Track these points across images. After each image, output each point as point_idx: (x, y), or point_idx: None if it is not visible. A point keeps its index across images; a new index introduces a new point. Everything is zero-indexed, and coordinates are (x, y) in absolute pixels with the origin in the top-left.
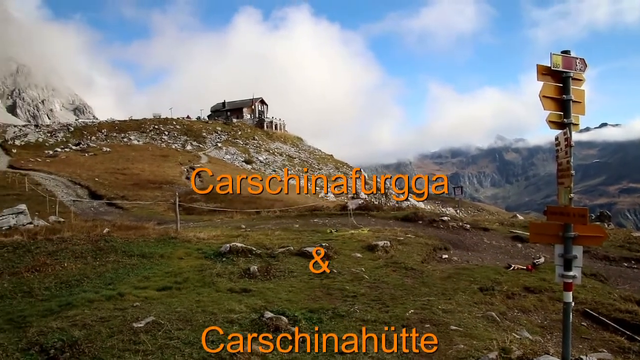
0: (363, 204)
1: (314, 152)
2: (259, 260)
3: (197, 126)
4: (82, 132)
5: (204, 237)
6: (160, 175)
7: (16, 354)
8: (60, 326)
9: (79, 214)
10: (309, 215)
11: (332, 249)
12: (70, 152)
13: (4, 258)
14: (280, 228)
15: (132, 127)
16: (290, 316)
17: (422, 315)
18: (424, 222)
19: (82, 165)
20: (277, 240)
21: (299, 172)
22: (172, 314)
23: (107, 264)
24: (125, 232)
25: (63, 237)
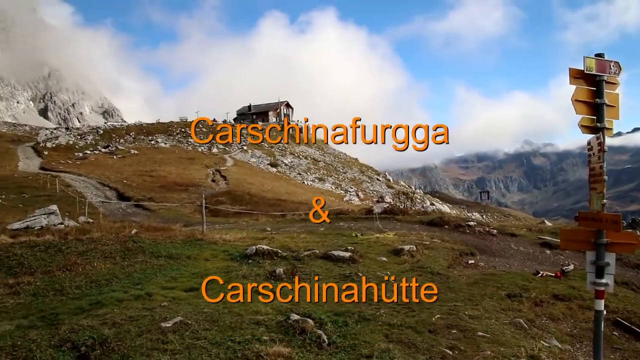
0: (388, 208)
1: (338, 155)
2: (285, 263)
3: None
4: (111, 135)
5: (230, 239)
6: (187, 177)
7: (49, 350)
8: (91, 324)
9: (107, 215)
10: (334, 218)
11: (358, 252)
12: (99, 155)
13: (37, 257)
14: (305, 231)
15: (160, 130)
16: (316, 319)
17: (448, 321)
18: (449, 227)
19: (110, 168)
20: (302, 243)
21: (324, 175)
22: (199, 314)
23: (135, 264)
24: (152, 233)
25: (93, 238)
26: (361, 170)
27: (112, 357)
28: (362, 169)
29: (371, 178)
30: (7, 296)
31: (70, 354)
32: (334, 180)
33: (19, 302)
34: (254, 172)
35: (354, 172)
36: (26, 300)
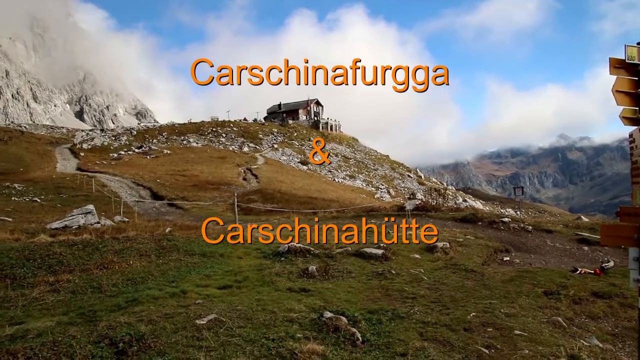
0: (420, 205)
1: (369, 152)
2: (317, 261)
3: (254, 128)
4: (144, 136)
5: None
6: (219, 176)
7: (88, 346)
8: (128, 321)
9: (142, 214)
10: (366, 215)
11: (390, 250)
12: (133, 155)
13: (75, 255)
14: None
15: (191, 130)
16: (350, 317)
17: (484, 319)
18: (483, 224)
19: (144, 167)
20: (333, 241)
21: (355, 173)
22: (233, 311)
23: (169, 262)
24: (186, 232)
25: (128, 236)
26: (392, 167)
27: (148, 353)
28: (393, 165)
29: (402, 175)
30: (47, 293)
31: (108, 350)
32: (365, 177)
33: (59, 299)
34: (285, 170)
35: (384, 169)
36: (66, 297)
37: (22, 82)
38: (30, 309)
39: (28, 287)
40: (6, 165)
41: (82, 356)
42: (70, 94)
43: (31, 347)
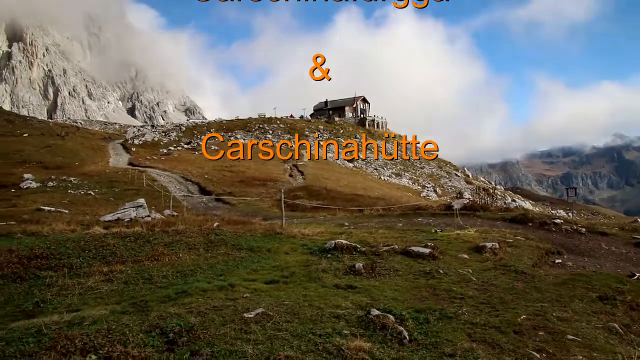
0: (468, 204)
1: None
2: (364, 258)
3: (300, 125)
4: (193, 132)
5: (308, 234)
6: (265, 172)
7: (140, 335)
8: (178, 312)
9: (190, 208)
10: (412, 214)
11: (438, 249)
12: (182, 151)
13: (127, 247)
14: (383, 226)
15: (239, 127)
16: (397, 315)
17: (535, 322)
18: (534, 225)
19: (192, 163)
20: (381, 239)
21: (401, 171)
22: (280, 306)
23: (217, 256)
24: (233, 227)
25: (177, 230)
26: (439, 166)
27: (198, 344)
28: (439, 164)
29: (449, 174)
30: (101, 283)
31: (159, 339)
32: (411, 175)
33: (112, 288)
34: (331, 167)
35: (431, 167)
36: (119, 287)
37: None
38: (86, 297)
39: (84, 277)
40: (63, 160)
41: (134, 344)
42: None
43: (87, 334)
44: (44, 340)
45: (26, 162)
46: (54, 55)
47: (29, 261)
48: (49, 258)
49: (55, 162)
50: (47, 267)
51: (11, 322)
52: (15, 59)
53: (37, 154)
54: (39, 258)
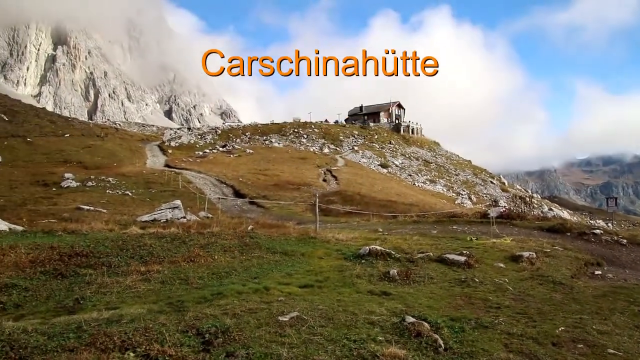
0: (504, 212)
1: (450, 157)
2: (398, 265)
3: (335, 130)
4: (228, 135)
5: (342, 239)
6: (299, 177)
7: (177, 335)
8: (213, 313)
9: (225, 211)
10: (447, 221)
11: (473, 257)
12: (217, 153)
13: (164, 248)
14: (417, 233)
15: (273, 130)
16: (432, 323)
17: (574, 334)
18: (572, 234)
19: (227, 166)
20: (415, 245)
21: (435, 177)
22: (315, 310)
23: (252, 259)
24: (267, 230)
25: (213, 232)
26: (474, 173)
27: (233, 345)
28: (475, 171)
29: (484, 181)
30: (139, 282)
31: (195, 340)
32: (446, 182)
33: (150, 288)
34: (365, 172)
35: (466, 174)
36: (155, 287)
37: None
38: (124, 296)
39: (122, 275)
40: (102, 160)
41: (171, 343)
42: (161, 93)
43: (125, 332)
44: (84, 336)
45: (67, 161)
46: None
47: (69, 258)
48: (89, 256)
49: (94, 162)
50: (86, 265)
51: (53, 318)
52: (59, 62)
53: (78, 154)
54: (79, 256)
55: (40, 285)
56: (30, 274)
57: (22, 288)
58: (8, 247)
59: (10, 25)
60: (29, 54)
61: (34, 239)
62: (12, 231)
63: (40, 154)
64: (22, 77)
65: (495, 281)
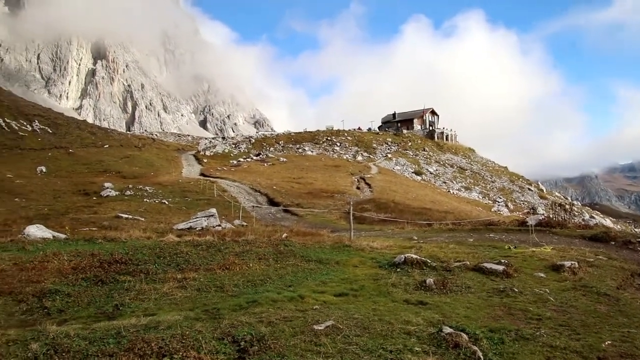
0: (544, 220)
1: (486, 163)
2: (434, 273)
3: (368, 137)
4: (262, 144)
5: (377, 247)
6: (332, 184)
7: (213, 342)
8: (249, 321)
9: (259, 219)
10: (484, 229)
11: (512, 266)
12: (251, 162)
13: (200, 255)
14: (453, 241)
15: (306, 139)
16: (470, 333)
17: (621, 349)
18: (617, 243)
19: (261, 174)
20: (451, 254)
21: (471, 184)
22: (350, 319)
23: (287, 267)
24: (302, 238)
25: (247, 240)
26: (511, 180)
27: (268, 354)
28: (511, 178)
29: (522, 188)
30: (176, 289)
31: (231, 347)
32: (481, 189)
33: (186, 295)
34: (399, 180)
35: (502, 181)
36: (192, 294)
37: (154, 94)
38: (161, 303)
39: (159, 282)
40: (139, 170)
41: (207, 351)
42: (196, 104)
43: (162, 338)
44: (123, 341)
45: (106, 171)
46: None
47: (109, 265)
48: (127, 263)
49: (132, 171)
50: (125, 272)
51: (93, 323)
52: (98, 76)
53: (116, 164)
54: (118, 263)
55: (82, 291)
56: (73, 281)
57: (64, 294)
58: (52, 254)
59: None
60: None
61: (75, 246)
62: (55, 239)
63: (82, 165)
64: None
65: (535, 291)
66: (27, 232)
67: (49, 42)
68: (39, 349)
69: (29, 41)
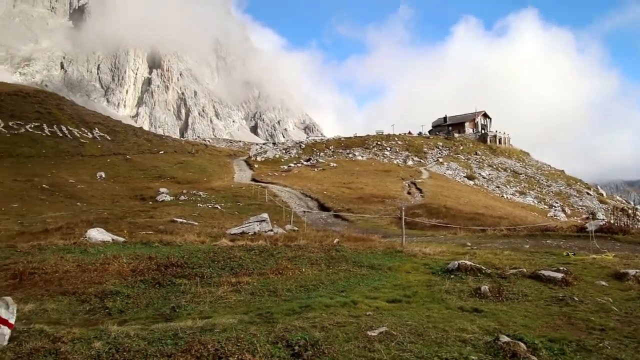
0: (605, 226)
1: (541, 167)
2: (489, 280)
3: (418, 142)
4: (312, 149)
5: (429, 253)
6: (383, 189)
7: (267, 346)
8: (302, 326)
9: (310, 224)
10: (540, 235)
11: (571, 274)
12: (301, 167)
13: (253, 260)
14: (508, 248)
15: (356, 144)
16: (529, 343)
17: None
18: None
19: (312, 179)
20: (506, 261)
21: (525, 189)
22: (404, 326)
23: (339, 272)
24: (353, 243)
25: (299, 245)
26: (568, 184)
27: (322, 359)
28: (569, 181)
29: (580, 192)
30: (230, 293)
31: (285, 351)
32: (537, 194)
33: (240, 299)
34: (450, 184)
35: (559, 185)
36: (246, 298)
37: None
38: (216, 306)
39: (214, 286)
40: (193, 175)
41: (262, 354)
42: (247, 110)
43: (218, 341)
44: (180, 343)
45: (161, 177)
46: (187, 79)
47: (165, 269)
48: (183, 267)
49: (186, 177)
50: (181, 275)
51: (152, 324)
52: (154, 84)
53: (171, 169)
54: (174, 266)
55: (140, 293)
56: (132, 282)
57: (124, 295)
58: (112, 257)
59: (112, 53)
60: (128, 78)
61: (134, 249)
62: (114, 242)
63: (138, 170)
64: (122, 99)
65: (597, 300)
66: (89, 235)
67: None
68: (102, 348)
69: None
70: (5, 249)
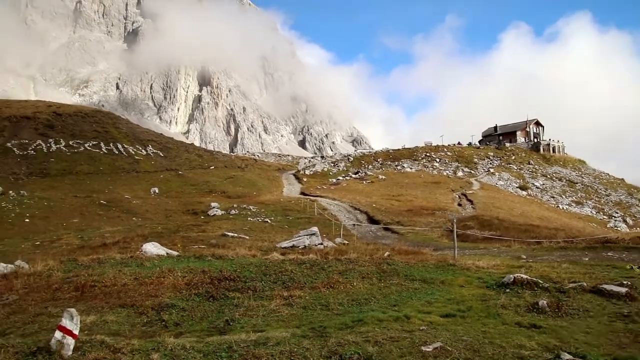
0: None
1: (599, 176)
2: (547, 295)
3: (468, 152)
4: (360, 162)
5: (483, 266)
6: (433, 201)
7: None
8: (355, 340)
9: (359, 237)
10: (600, 247)
11: (636, 288)
12: (350, 180)
13: (304, 273)
14: (567, 260)
15: (405, 155)
16: None
17: None
18: None
19: (360, 192)
20: (565, 274)
21: (582, 198)
22: (459, 342)
23: (390, 286)
24: (404, 257)
25: (350, 258)
26: (629, 192)
27: None
28: (629, 190)
29: None
30: (282, 306)
31: None
32: (595, 204)
33: (292, 312)
34: (502, 195)
35: (619, 194)
36: (298, 311)
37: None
38: (269, 319)
39: (266, 299)
40: (243, 190)
41: None
42: (294, 124)
43: (272, 354)
44: (235, 356)
45: (212, 191)
46: (235, 95)
47: (219, 282)
48: (236, 280)
49: (236, 191)
50: (234, 289)
51: (206, 337)
52: (204, 101)
53: (221, 184)
54: (227, 280)
55: (195, 306)
56: (186, 296)
57: (180, 308)
58: (167, 270)
59: (164, 72)
60: (179, 96)
61: (187, 263)
62: (169, 256)
63: (190, 185)
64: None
65: None
66: (144, 249)
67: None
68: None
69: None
70: (68, 263)
